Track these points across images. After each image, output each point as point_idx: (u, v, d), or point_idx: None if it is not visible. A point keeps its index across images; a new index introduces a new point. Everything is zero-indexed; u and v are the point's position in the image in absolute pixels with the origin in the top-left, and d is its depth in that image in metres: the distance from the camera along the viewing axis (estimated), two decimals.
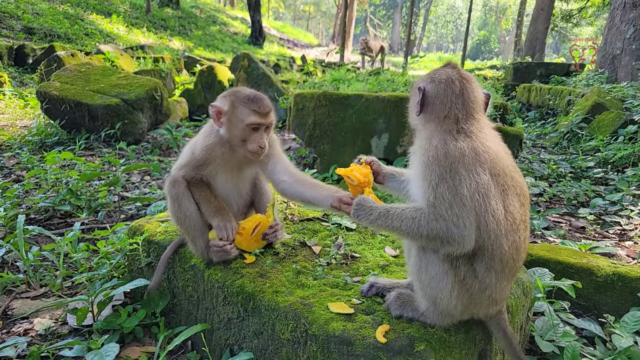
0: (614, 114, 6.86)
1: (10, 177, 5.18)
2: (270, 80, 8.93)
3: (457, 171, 1.52)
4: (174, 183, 2.22)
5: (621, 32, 10.03)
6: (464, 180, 1.51)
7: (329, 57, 24.51)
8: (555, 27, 26.99)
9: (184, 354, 2.27)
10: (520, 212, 1.61)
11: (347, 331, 1.67)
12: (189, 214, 2.19)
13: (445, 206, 1.51)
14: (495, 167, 1.58)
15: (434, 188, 1.53)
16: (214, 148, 2.18)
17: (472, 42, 60.65)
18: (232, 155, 2.21)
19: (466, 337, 1.73)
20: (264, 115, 2.11)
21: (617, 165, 5.63)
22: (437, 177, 1.53)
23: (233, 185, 2.33)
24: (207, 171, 2.23)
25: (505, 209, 1.57)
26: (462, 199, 1.51)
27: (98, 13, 21.60)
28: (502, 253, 1.57)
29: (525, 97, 10.52)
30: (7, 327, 2.47)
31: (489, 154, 1.59)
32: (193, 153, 2.23)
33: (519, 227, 1.60)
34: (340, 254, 2.29)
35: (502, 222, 1.55)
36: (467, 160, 1.54)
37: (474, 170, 1.53)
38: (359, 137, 5.10)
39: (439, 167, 1.54)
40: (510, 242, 1.57)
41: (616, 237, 3.80)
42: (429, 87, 1.69)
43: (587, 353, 2.14)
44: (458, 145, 1.56)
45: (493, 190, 1.55)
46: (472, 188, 1.52)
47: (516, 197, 1.61)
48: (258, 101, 2.12)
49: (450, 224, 1.51)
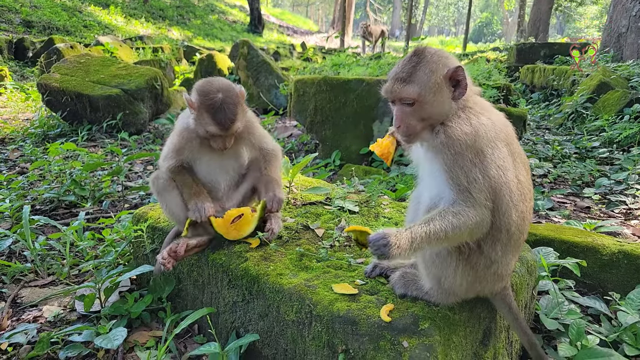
0: (620, 92, 6.77)
1: (15, 169, 5.20)
2: (270, 67, 8.86)
3: (483, 152, 1.48)
4: (156, 179, 2.27)
5: (627, 9, 9.85)
6: (489, 159, 1.48)
7: (329, 42, 24.28)
8: (559, 6, 26.55)
9: (190, 338, 2.30)
10: (528, 179, 1.61)
11: (352, 311, 1.68)
12: (173, 207, 2.24)
13: (479, 190, 1.47)
14: (507, 137, 1.57)
15: (466, 172, 1.46)
16: (187, 132, 2.19)
17: (475, 25, 59.82)
18: (203, 142, 2.19)
19: (470, 315, 1.73)
20: (225, 129, 2.06)
21: (622, 145, 5.58)
22: (469, 162, 1.46)
23: (218, 164, 2.32)
24: (186, 155, 2.23)
25: (517, 178, 1.56)
26: (490, 181, 1.48)
27: (96, 5, 21.43)
28: (510, 223, 1.55)
29: (528, 78, 10.40)
30: (16, 314, 2.50)
31: (501, 122, 1.58)
32: (172, 141, 2.26)
33: (526, 197, 1.60)
34: (344, 237, 2.29)
35: (515, 193, 1.54)
36: (490, 135, 1.50)
37: (495, 145, 1.50)
38: (361, 121, 5.08)
39: (468, 150, 1.47)
40: (519, 212, 1.56)
41: (622, 216, 3.79)
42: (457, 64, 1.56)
43: (593, 330, 2.15)
44: (480, 120, 1.52)
45: (510, 162, 1.53)
46: (496, 165, 1.49)
47: (522, 166, 1.60)
48: (221, 113, 2.03)
49: (485, 208, 1.49)
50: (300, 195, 2.86)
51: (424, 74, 1.52)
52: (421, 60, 1.54)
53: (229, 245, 2.21)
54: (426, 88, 1.51)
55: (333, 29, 36.41)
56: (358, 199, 2.79)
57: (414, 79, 1.52)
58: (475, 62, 9.36)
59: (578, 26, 44.99)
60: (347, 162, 5.06)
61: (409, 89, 1.52)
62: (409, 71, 1.53)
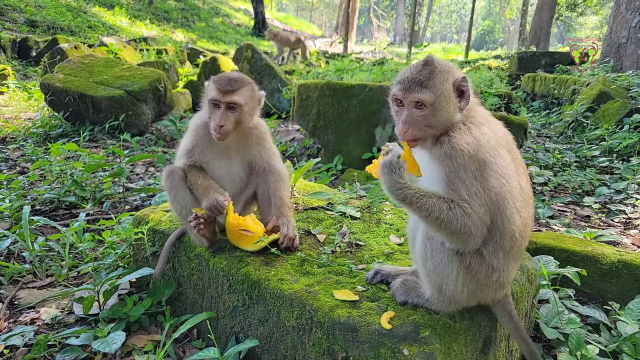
0: (620, 102, 6.79)
1: (15, 169, 5.20)
2: (274, 71, 8.88)
3: (485, 162, 1.50)
4: (169, 174, 2.24)
5: (627, 20, 9.89)
6: (491, 168, 1.50)
7: (333, 47, 24.33)
8: (560, 16, 26.66)
9: (189, 342, 2.29)
10: (529, 186, 1.62)
11: (352, 318, 1.67)
12: (184, 204, 2.21)
13: (479, 204, 1.49)
14: (508, 144, 1.59)
15: (467, 186, 1.49)
16: (200, 129, 2.23)
17: (477, 32, 60.05)
18: (215, 140, 2.21)
19: (471, 323, 1.73)
20: (223, 92, 2.09)
21: (622, 154, 5.59)
22: (471, 174, 1.49)
23: (225, 171, 2.33)
24: (197, 156, 2.24)
25: (520, 185, 1.57)
26: (490, 193, 1.49)
27: (101, 5, 21.51)
28: (513, 230, 1.56)
29: (529, 86, 10.43)
30: (14, 316, 2.49)
31: (501, 130, 1.60)
32: (185, 140, 2.29)
33: (528, 203, 1.61)
34: (345, 242, 2.29)
35: (518, 200, 1.55)
36: (492, 144, 1.52)
37: (497, 153, 1.52)
38: (363, 127, 5.09)
39: (471, 162, 1.49)
40: (522, 218, 1.57)
41: (621, 226, 3.78)
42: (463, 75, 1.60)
43: (592, 340, 2.14)
44: (482, 130, 1.55)
45: (512, 169, 1.55)
46: (498, 174, 1.50)
47: (523, 171, 1.61)
48: (224, 79, 2.12)
49: (480, 223, 1.50)
50: (302, 200, 2.86)
51: (439, 81, 1.56)
52: (434, 69, 1.58)
53: (230, 250, 2.20)
54: (441, 95, 1.56)
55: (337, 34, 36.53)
56: (360, 205, 2.79)
57: (430, 85, 1.56)
58: (477, 70, 9.39)
59: (578, 36, 45.22)
60: (349, 167, 5.06)
61: (426, 93, 1.55)
62: (426, 76, 1.57)
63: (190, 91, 8.94)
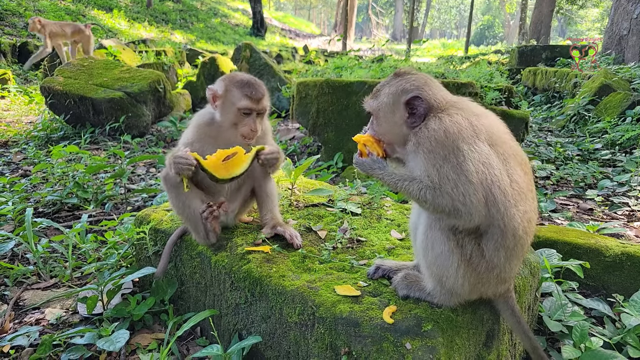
0: (622, 95, 6.76)
1: (18, 172, 5.22)
2: (273, 70, 8.88)
3: (459, 148, 1.50)
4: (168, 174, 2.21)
5: (628, 12, 9.85)
6: (467, 155, 1.50)
7: (331, 45, 24.30)
8: (561, 9, 26.56)
9: (193, 340, 2.30)
10: (525, 180, 1.60)
11: (354, 313, 1.67)
12: (187, 202, 2.20)
13: (451, 185, 1.50)
14: (491, 137, 1.57)
15: (438, 169, 1.51)
16: (203, 127, 2.23)
17: (476, 27, 59.82)
18: (220, 137, 2.21)
19: (474, 317, 1.73)
20: (256, 100, 2.12)
21: (624, 147, 5.57)
22: (441, 159, 1.51)
23: None
24: (196, 150, 2.20)
25: (510, 177, 1.55)
26: (467, 175, 1.49)
27: (99, 8, 21.55)
28: (515, 226, 1.54)
29: (530, 80, 10.40)
30: (19, 317, 2.51)
31: (483, 123, 1.58)
32: (185, 135, 2.29)
33: (527, 196, 1.58)
34: (346, 238, 2.29)
35: (509, 192, 1.53)
36: (465, 133, 1.53)
37: (473, 142, 1.52)
38: (363, 124, 5.07)
39: (441, 148, 1.51)
40: (522, 212, 1.55)
41: (624, 218, 3.77)
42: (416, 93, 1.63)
43: (596, 332, 2.14)
44: (454, 119, 1.56)
45: (495, 160, 1.53)
46: (475, 161, 1.50)
47: (518, 166, 1.60)
48: (251, 86, 2.13)
49: (457, 201, 1.50)
50: (302, 197, 2.86)
51: (384, 94, 1.70)
52: (390, 81, 1.72)
53: (232, 248, 2.21)
54: (381, 106, 1.70)
55: (335, 32, 36.48)
56: (360, 201, 2.79)
57: (377, 96, 1.73)
58: (477, 65, 9.36)
59: (579, 29, 44.98)
60: (349, 164, 5.06)
61: (370, 103, 1.74)
62: (378, 88, 1.74)
63: (190, 92, 8.95)
